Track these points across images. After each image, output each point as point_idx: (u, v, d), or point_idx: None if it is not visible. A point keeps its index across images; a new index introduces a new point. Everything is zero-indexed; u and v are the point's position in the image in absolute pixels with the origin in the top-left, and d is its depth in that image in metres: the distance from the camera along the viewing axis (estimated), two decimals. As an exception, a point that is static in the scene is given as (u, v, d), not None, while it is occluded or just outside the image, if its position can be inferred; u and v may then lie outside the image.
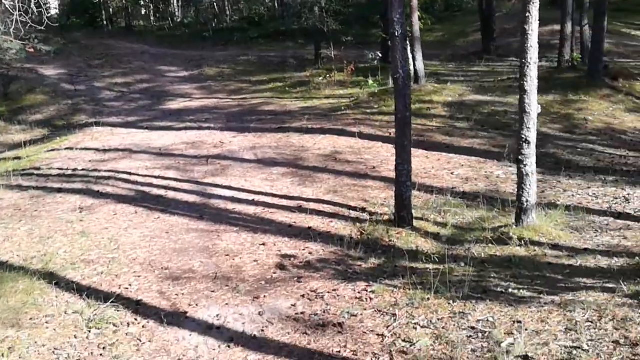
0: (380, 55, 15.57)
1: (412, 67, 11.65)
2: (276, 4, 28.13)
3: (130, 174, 8.55)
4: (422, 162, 8.08)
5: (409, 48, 11.54)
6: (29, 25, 7.09)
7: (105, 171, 8.84)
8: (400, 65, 5.07)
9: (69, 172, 9.11)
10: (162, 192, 7.61)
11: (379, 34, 16.99)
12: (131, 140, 11.15)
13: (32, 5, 7.32)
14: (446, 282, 4.53)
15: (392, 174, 6.92)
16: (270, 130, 10.71)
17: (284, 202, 6.74)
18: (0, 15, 8.66)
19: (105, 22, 31.86)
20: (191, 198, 7.29)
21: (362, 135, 9.36)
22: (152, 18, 34.67)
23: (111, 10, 33.52)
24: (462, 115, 10.56)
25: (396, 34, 4.97)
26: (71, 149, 11.01)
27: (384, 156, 8.15)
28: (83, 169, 9.14)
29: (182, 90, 16.94)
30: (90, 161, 9.71)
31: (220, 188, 7.52)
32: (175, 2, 33.00)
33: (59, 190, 8.07)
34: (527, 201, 5.42)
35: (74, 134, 12.61)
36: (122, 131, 12.35)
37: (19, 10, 6.63)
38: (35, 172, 9.41)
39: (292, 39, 22.39)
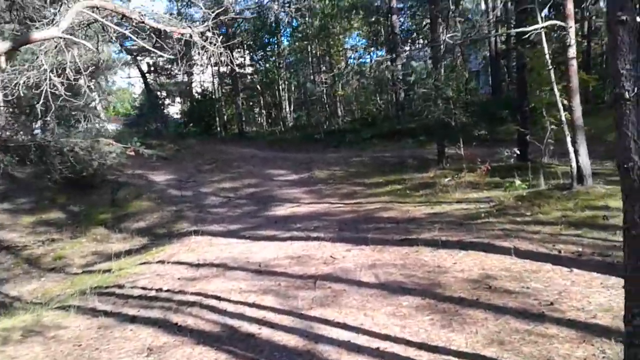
0: (518, 152, 13.47)
1: (573, 164, 9.42)
2: (390, 104, 27.25)
3: (219, 299, 6.91)
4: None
5: (568, 139, 9.41)
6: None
7: (192, 293, 7.29)
8: (635, 147, 3.06)
9: (152, 292, 7.69)
10: (255, 328, 5.80)
11: (511, 129, 14.99)
12: (229, 252, 9.72)
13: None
14: None
15: (582, 315, 4.83)
16: (392, 242, 8.78)
17: (426, 358, 4.62)
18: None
19: (219, 129, 32.76)
20: (292, 340, 5.39)
21: (519, 253, 7.11)
22: (264, 123, 35.31)
23: (225, 117, 34.62)
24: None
25: (627, 95, 3.02)
26: (163, 262, 9.75)
27: (560, 285, 5.83)
28: (168, 290, 7.68)
29: (290, 195, 15.71)
30: (179, 279, 8.28)
31: (332, 326, 5.58)
32: (288, 107, 33.39)
33: (133, 320, 6.56)
34: None
35: (171, 244, 11.53)
36: (222, 241, 11.04)
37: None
38: (117, 290, 8.11)
39: (409, 138, 20.95)
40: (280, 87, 32.98)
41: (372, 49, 28.40)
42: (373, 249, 8.51)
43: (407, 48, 27.33)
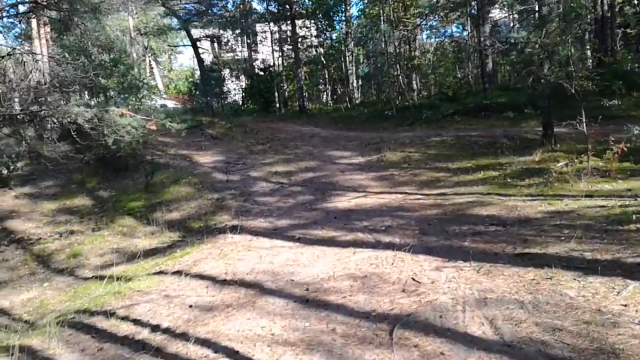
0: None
1: None
2: (471, 76, 23.99)
3: (235, 354, 4.45)
4: None
5: None
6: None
7: (198, 341, 4.86)
8: None
9: (144, 332, 5.34)
10: None
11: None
12: (269, 262, 7.29)
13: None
14: None
15: None
16: (504, 257, 6.05)
17: None
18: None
19: (278, 106, 30.52)
20: None
21: None
22: (328, 100, 32.76)
23: (286, 93, 32.33)
24: None
25: None
26: (180, 273, 7.44)
27: None
28: (167, 329, 5.30)
29: (354, 181, 13.10)
30: (190, 306, 5.90)
31: None
32: (355, 81, 30.62)
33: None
34: None
35: (200, 245, 9.25)
36: (264, 243, 8.65)
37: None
38: (100, 323, 5.85)
39: (499, 115, 17.78)
40: (347, 59, 30.23)
41: (455, 12, 25.08)
42: (477, 268, 5.79)
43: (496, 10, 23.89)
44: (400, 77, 24.22)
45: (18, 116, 9.35)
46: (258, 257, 7.76)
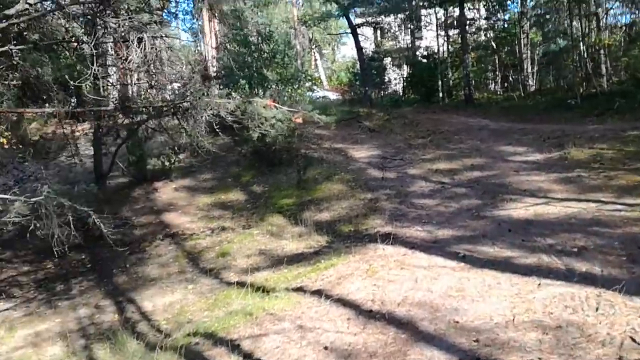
0: None
1: None
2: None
3: None
4: None
5: None
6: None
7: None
8: None
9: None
10: None
11: None
12: (427, 290, 5.97)
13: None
14: None
15: None
16: None
17: None
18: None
19: (442, 95, 28.63)
20: None
21: None
22: (498, 88, 30.08)
23: (450, 82, 30.26)
24: None
25: None
26: (321, 294, 6.41)
27: None
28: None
29: (531, 184, 11.13)
30: (325, 348, 4.83)
31: None
32: (529, 67, 27.65)
33: None
34: None
35: (347, 257, 8.19)
36: (421, 259, 7.33)
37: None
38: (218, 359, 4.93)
39: None
40: (522, 42, 27.37)
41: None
42: None
43: None
44: (586, 59, 21.10)
45: (163, 108, 8.98)
46: (413, 279, 6.44)
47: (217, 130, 8.69)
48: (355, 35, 25.56)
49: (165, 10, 13.40)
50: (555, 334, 4.33)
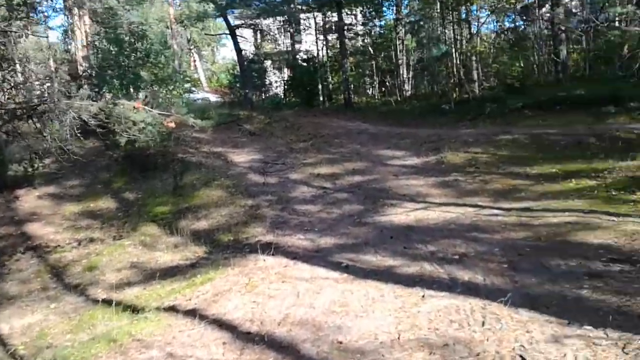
0: None
1: None
2: (538, 64, 21.60)
3: None
4: None
5: None
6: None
7: None
8: None
9: None
10: None
11: None
12: (309, 305, 5.60)
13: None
14: None
15: None
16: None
17: None
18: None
19: (322, 99, 28.75)
20: None
21: None
22: (376, 93, 30.77)
23: (330, 86, 30.50)
24: None
25: None
26: (195, 315, 5.83)
27: None
28: None
29: (411, 188, 11.23)
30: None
31: None
32: (405, 72, 28.52)
33: None
34: None
35: (227, 269, 7.65)
36: (303, 271, 6.98)
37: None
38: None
39: (578, 109, 15.52)
40: (398, 48, 28.18)
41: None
42: (619, 342, 3.90)
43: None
44: (459, 65, 22.04)
45: (17, 111, 7.93)
46: (295, 294, 6.05)
47: (79, 135, 7.83)
48: (233, 36, 24.91)
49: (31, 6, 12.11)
50: (442, 353, 4.11)
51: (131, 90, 15.59)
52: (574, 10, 20.41)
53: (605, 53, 18.99)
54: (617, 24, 13.00)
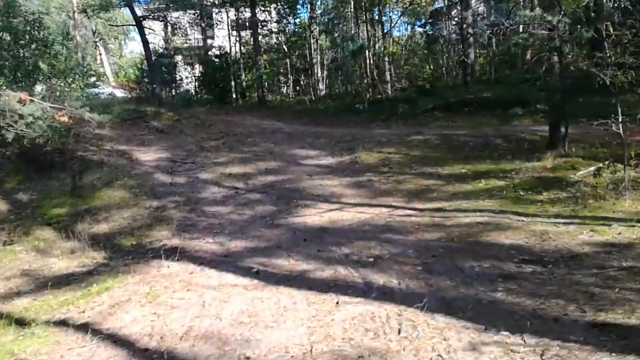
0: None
1: None
2: (445, 68, 22.15)
3: None
4: None
5: None
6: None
7: None
8: None
9: None
10: None
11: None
12: (215, 317, 5.20)
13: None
14: None
15: None
16: (571, 327, 4.08)
17: None
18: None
19: (236, 97, 28.12)
20: None
21: None
22: (290, 91, 30.52)
23: (244, 83, 29.91)
24: None
25: None
26: (87, 329, 5.25)
27: None
28: None
29: (325, 188, 11.02)
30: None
31: None
32: (320, 71, 28.45)
33: None
34: None
35: (127, 277, 7.05)
36: (210, 278, 6.55)
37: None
38: None
39: (485, 111, 15.97)
40: (312, 47, 28.06)
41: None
42: (537, 348, 3.79)
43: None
44: (372, 66, 22.18)
45: None
46: (200, 303, 5.62)
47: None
48: (140, 28, 23.75)
49: None
50: (359, 366, 3.84)
51: (27, 82, 14.45)
52: (482, 15, 21.10)
53: (510, 57, 19.75)
54: (521, 28, 13.42)
